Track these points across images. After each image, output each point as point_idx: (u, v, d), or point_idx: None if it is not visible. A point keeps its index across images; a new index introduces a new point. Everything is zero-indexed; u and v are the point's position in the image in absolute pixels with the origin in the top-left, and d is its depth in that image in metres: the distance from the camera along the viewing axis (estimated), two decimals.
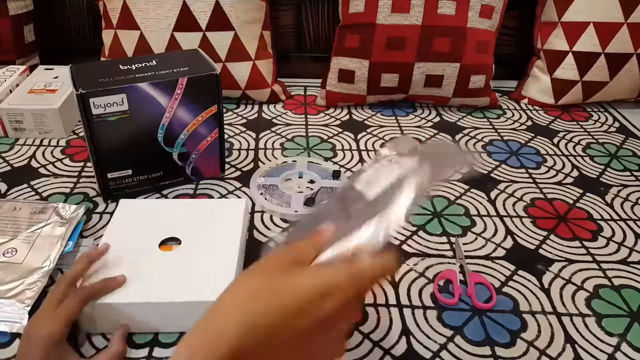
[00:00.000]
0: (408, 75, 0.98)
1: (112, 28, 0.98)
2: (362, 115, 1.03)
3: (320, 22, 1.14)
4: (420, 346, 0.53)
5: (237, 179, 0.80)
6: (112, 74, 0.65)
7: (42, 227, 0.63)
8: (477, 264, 0.64)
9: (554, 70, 1.04)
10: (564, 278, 0.63)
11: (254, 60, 1.00)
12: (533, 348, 0.53)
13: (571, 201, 0.78)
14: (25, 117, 0.87)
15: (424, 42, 0.95)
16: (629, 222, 0.73)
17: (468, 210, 0.75)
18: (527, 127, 1.01)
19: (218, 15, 0.94)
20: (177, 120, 0.69)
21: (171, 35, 0.94)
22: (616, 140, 0.97)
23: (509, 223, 0.72)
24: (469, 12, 0.96)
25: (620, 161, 0.90)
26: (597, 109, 1.09)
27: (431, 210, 0.74)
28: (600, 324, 0.56)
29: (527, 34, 1.10)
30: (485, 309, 0.58)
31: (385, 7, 0.94)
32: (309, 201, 0.73)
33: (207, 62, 0.71)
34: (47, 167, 0.81)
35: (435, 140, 0.94)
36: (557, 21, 1.02)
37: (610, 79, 1.02)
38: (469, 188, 0.80)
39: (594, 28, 0.99)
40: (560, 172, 0.85)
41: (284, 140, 0.92)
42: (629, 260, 0.66)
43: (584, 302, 0.59)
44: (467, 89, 1.00)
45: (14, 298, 0.54)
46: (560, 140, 0.96)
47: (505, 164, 0.87)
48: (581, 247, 0.68)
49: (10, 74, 0.96)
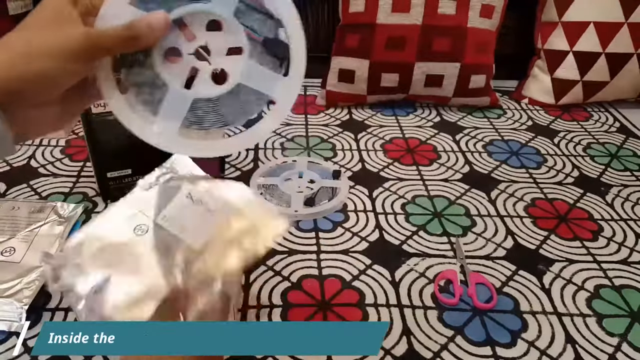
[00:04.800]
0: (408, 75, 0.98)
1: None
2: (362, 115, 1.02)
3: (320, 21, 1.14)
4: (420, 346, 0.53)
5: (237, 179, 0.79)
6: None
7: (41, 226, 0.63)
8: (477, 264, 0.64)
9: (554, 70, 1.04)
10: (565, 278, 0.62)
11: None
12: (534, 348, 0.53)
13: (572, 201, 0.78)
14: None
15: (425, 41, 0.95)
16: (629, 222, 0.73)
17: (468, 210, 0.74)
18: (527, 127, 1.01)
19: None
20: None
21: None
22: (617, 140, 0.97)
23: (510, 223, 0.72)
24: (469, 12, 0.96)
25: (621, 161, 0.90)
26: (598, 109, 1.09)
27: (431, 210, 0.74)
28: (600, 324, 0.56)
29: (528, 34, 1.10)
30: (486, 309, 0.58)
31: (385, 6, 0.94)
32: (309, 201, 0.73)
33: None
34: (46, 166, 0.81)
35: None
36: (557, 21, 1.02)
37: (610, 79, 1.02)
38: (469, 188, 0.80)
39: (595, 28, 0.99)
40: (561, 172, 0.85)
41: (284, 140, 0.92)
42: (629, 260, 0.66)
43: (584, 302, 0.59)
44: (468, 88, 1.00)
45: (12, 297, 0.54)
46: (560, 140, 0.96)
47: (505, 164, 0.87)
48: (582, 247, 0.68)
49: None
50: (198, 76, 0.37)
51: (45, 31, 0.31)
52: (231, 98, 0.37)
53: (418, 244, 0.67)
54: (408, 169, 0.85)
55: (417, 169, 0.84)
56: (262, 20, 0.37)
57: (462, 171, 0.84)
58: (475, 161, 0.88)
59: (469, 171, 0.85)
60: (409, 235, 0.69)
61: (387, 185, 0.80)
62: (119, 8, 0.35)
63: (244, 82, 0.37)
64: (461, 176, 0.83)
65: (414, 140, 0.94)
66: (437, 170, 0.85)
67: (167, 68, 0.37)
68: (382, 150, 0.90)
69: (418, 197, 0.77)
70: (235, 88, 0.37)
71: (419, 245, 0.67)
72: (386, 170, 0.84)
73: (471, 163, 0.87)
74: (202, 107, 0.37)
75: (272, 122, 0.38)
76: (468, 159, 0.88)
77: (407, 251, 0.66)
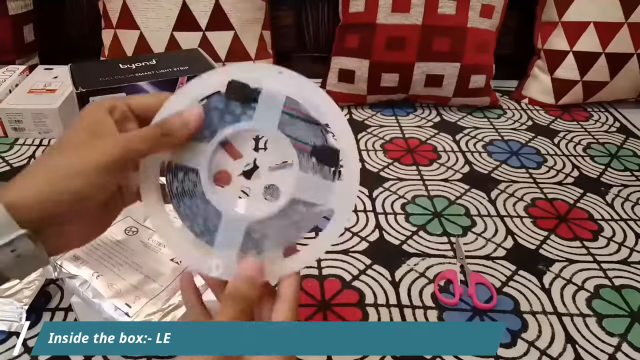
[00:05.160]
0: (408, 75, 0.98)
1: (111, 28, 0.98)
2: (362, 115, 1.02)
3: (320, 21, 1.14)
4: None
5: None
6: (112, 73, 0.65)
7: None
8: (477, 264, 0.64)
9: (554, 70, 1.04)
10: (565, 278, 0.62)
11: (254, 60, 0.99)
12: (534, 348, 0.53)
13: (572, 201, 0.78)
14: (24, 117, 0.87)
15: (425, 41, 0.95)
16: (629, 222, 0.73)
17: (468, 210, 0.74)
18: (527, 127, 1.01)
19: (218, 15, 0.94)
20: None
21: (171, 35, 0.94)
22: (617, 140, 0.97)
23: (510, 223, 0.72)
24: (469, 12, 0.96)
25: (621, 161, 0.90)
26: (598, 109, 1.09)
27: (431, 210, 0.74)
28: (601, 324, 0.56)
29: (528, 34, 1.10)
30: (486, 309, 0.58)
31: (385, 6, 0.94)
32: None
33: (207, 61, 0.70)
34: None
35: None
36: (557, 21, 1.02)
37: (610, 79, 1.02)
38: (469, 188, 0.80)
39: (595, 28, 0.99)
40: (561, 172, 0.85)
41: None
42: (629, 260, 0.66)
43: (584, 302, 0.59)
44: (468, 88, 1.00)
45: (12, 297, 0.54)
46: (560, 140, 0.96)
47: (505, 164, 0.87)
48: (582, 247, 0.68)
49: (10, 74, 0.95)
50: (250, 197, 0.36)
51: (80, 150, 0.30)
52: (286, 214, 0.35)
53: (418, 244, 0.67)
54: (408, 169, 0.85)
55: (417, 169, 0.84)
56: (307, 128, 0.35)
57: (462, 171, 0.84)
58: (475, 161, 0.88)
59: (469, 171, 0.85)
60: (409, 235, 0.69)
61: (387, 185, 0.80)
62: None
63: (298, 196, 0.35)
64: (461, 176, 0.83)
65: (414, 140, 0.94)
66: (437, 170, 0.85)
67: (217, 193, 0.35)
68: (382, 150, 0.90)
69: (418, 197, 0.77)
70: (289, 203, 0.35)
71: (419, 245, 0.67)
72: (386, 170, 0.84)
73: (471, 163, 0.87)
74: (257, 230, 0.35)
75: (334, 231, 0.35)
76: (468, 159, 0.88)
77: (407, 251, 0.66)
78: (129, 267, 0.54)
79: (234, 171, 0.36)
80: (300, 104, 0.35)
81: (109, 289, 0.52)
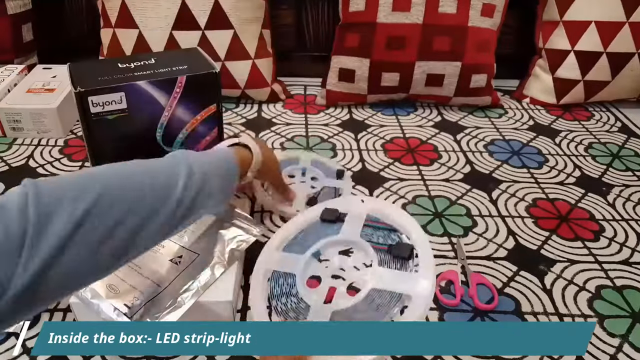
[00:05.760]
0: (409, 75, 0.98)
1: (110, 27, 0.97)
2: (363, 115, 1.02)
3: (320, 21, 1.14)
4: None
5: None
6: (110, 72, 0.65)
7: None
8: (478, 265, 0.64)
9: (555, 70, 1.04)
10: (566, 279, 0.62)
11: (253, 59, 0.99)
12: None
13: (573, 201, 0.77)
14: (23, 117, 0.86)
15: (425, 41, 0.95)
16: (631, 222, 0.73)
17: (469, 211, 0.74)
18: (528, 126, 1.00)
19: (217, 14, 0.94)
20: (176, 119, 0.69)
21: (170, 34, 0.94)
22: (618, 140, 0.96)
23: (511, 223, 0.72)
24: (470, 11, 0.95)
25: (622, 161, 0.89)
26: (599, 109, 1.09)
27: (432, 210, 0.74)
28: (602, 325, 0.56)
29: (529, 33, 1.09)
30: (487, 310, 0.57)
31: (385, 5, 0.94)
32: (311, 201, 0.72)
33: (206, 60, 0.70)
34: (45, 166, 0.81)
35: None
36: (558, 20, 1.02)
37: (612, 79, 1.02)
38: (470, 188, 0.79)
39: (596, 27, 0.98)
40: (562, 172, 0.85)
41: (284, 140, 0.91)
42: (631, 260, 0.66)
43: (586, 302, 0.59)
44: (469, 88, 1.00)
45: None
46: (562, 140, 0.96)
47: (507, 163, 0.87)
48: (583, 248, 0.68)
49: (9, 74, 0.95)
50: (336, 293, 0.46)
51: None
52: (367, 303, 0.43)
53: None
54: (409, 168, 0.84)
55: (418, 169, 0.84)
56: (384, 234, 0.47)
57: (463, 171, 0.84)
58: (476, 161, 0.87)
59: (470, 171, 0.84)
60: None
61: (387, 185, 0.79)
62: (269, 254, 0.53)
63: (377, 287, 0.43)
64: (462, 176, 0.83)
65: (414, 140, 0.94)
66: (438, 170, 0.84)
67: (309, 293, 0.46)
68: (382, 150, 0.90)
69: (419, 197, 0.77)
70: (369, 293, 0.43)
71: None
72: (387, 170, 0.84)
73: (472, 163, 0.87)
74: (344, 315, 0.43)
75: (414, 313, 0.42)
76: (469, 158, 0.88)
77: None
78: (127, 268, 0.54)
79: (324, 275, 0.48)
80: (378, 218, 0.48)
81: (107, 290, 0.51)
